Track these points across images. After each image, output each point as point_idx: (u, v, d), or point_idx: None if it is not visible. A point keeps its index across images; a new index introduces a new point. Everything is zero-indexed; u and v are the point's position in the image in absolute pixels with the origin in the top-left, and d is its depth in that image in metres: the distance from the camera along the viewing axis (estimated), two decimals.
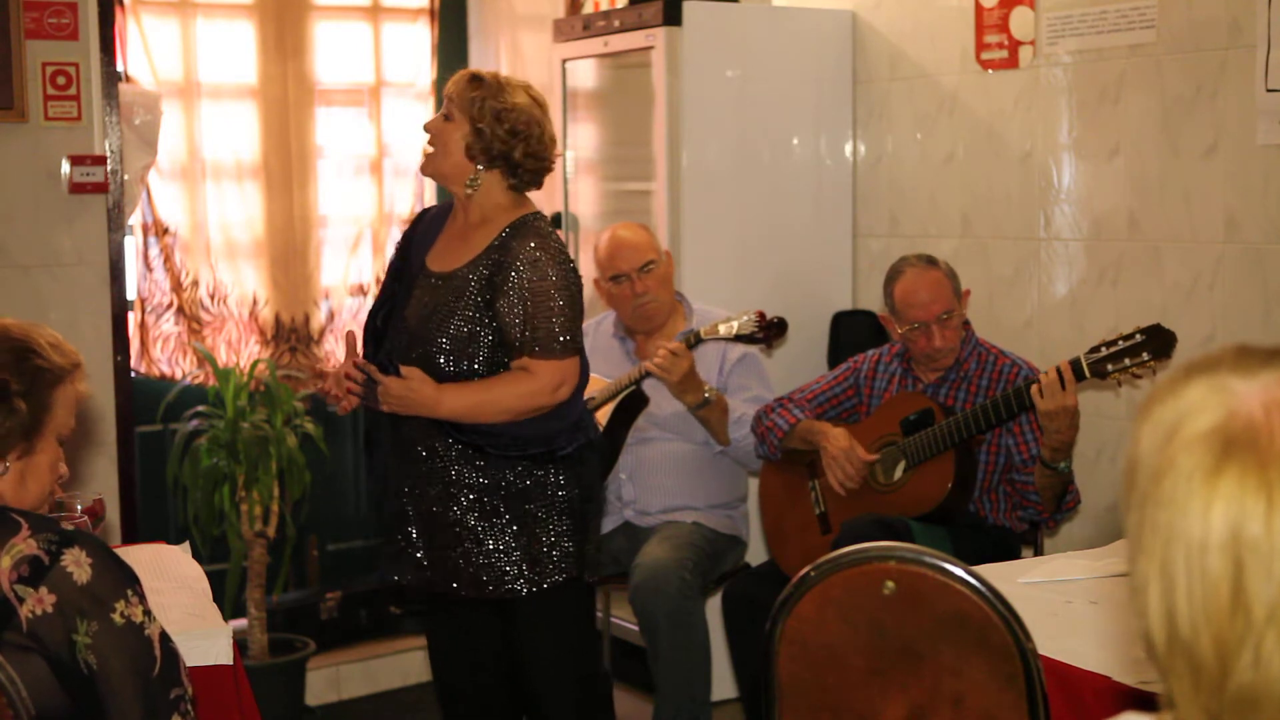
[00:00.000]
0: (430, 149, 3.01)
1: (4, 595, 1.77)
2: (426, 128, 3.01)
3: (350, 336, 3.06)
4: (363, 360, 2.97)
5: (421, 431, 2.94)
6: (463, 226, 3.02)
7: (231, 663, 2.40)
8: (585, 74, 4.74)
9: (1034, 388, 3.21)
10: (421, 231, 3.10)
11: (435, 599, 3.06)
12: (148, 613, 1.84)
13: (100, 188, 4.07)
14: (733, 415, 3.78)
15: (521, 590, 2.94)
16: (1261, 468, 0.97)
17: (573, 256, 3.13)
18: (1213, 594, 0.97)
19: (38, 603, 1.77)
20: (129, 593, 1.82)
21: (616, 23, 4.43)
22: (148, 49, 4.48)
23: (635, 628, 3.77)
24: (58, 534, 1.83)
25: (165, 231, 4.56)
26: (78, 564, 1.80)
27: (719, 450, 3.86)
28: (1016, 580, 2.58)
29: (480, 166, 2.95)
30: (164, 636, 1.85)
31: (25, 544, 1.80)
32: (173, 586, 2.63)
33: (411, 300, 2.98)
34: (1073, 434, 3.27)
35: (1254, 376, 1.01)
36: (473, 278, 2.91)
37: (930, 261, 3.58)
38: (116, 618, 1.79)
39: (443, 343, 2.89)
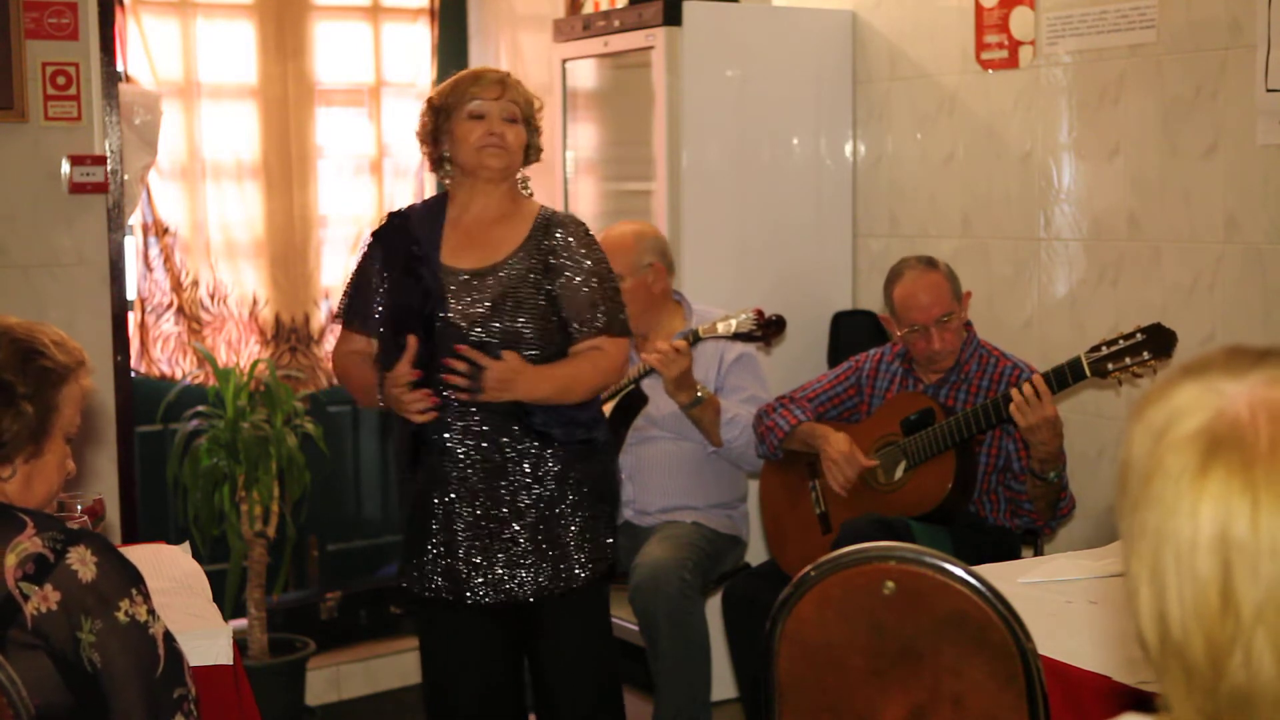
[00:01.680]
0: (502, 148, 2.94)
1: (9, 593, 1.77)
2: (497, 129, 2.95)
3: (413, 342, 2.88)
4: (464, 348, 2.85)
5: (496, 426, 2.91)
6: (475, 223, 3.00)
7: (231, 662, 2.40)
8: (585, 74, 4.74)
9: (1011, 407, 3.21)
10: (424, 231, 3.02)
11: (444, 601, 3.00)
12: (152, 612, 1.83)
13: (100, 188, 4.07)
14: (725, 415, 3.77)
15: (581, 577, 2.96)
16: (1247, 467, 0.97)
17: None
18: (1202, 595, 0.97)
19: (42, 600, 1.77)
20: (133, 592, 1.81)
21: (616, 23, 4.42)
22: (148, 49, 4.48)
23: (635, 628, 3.77)
24: (63, 533, 1.82)
25: (165, 231, 4.56)
26: (83, 562, 1.79)
27: (711, 451, 3.86)
28: (1016, 580, 2.58)
29: (524, 163, 3.02)
30: (168, 636, 1.85)
31: (30, 542, 1.79)
32: (173, 586, 2.63)
33: (450, 299, 2.91)
34: (1057, 443, 3.27)
35: (1243, 377, 1.01)
36: (518, 270, 2.92)
37: (930, 264, 3.58)
38: (121, 616, 1.79)
39: (496, 337, 2.88)
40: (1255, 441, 0.97)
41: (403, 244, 3.02)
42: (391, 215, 3.11)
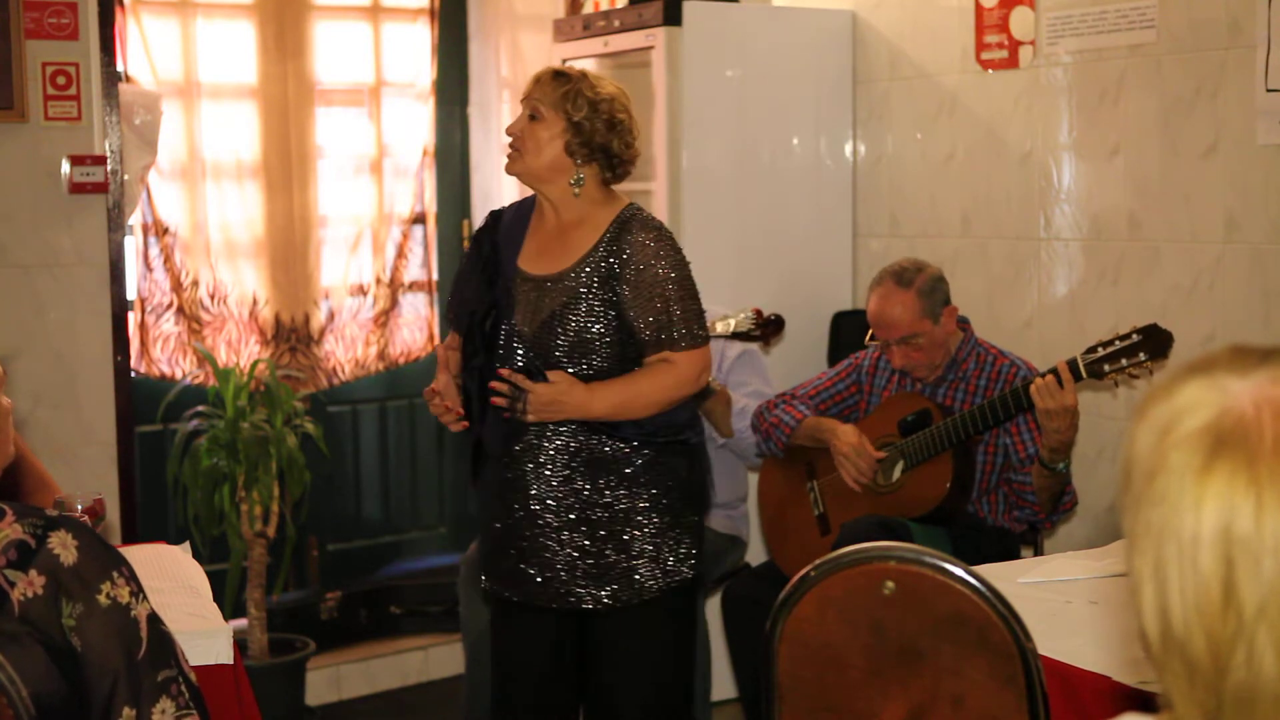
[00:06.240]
0: (516, 150, 2.88)
1: None
2: (510, 130, 2.90)
3: (445, 353, 2.91)
4: (507, 370, 2.82)
5: (571, 434, 2.84)
6: (555, 227, 2.92)
7: (231, 662, 2.40)
8: None
9: (1032, 388, 3.20)
10: (504, 233, 2.95)
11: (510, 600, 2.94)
12: (135, 594, 1.80)
13: (100, 188, 4.07)
14: (735, 406, 3.79)
15: (654, 589, 2.85)
16: (1251, 465, 0.97)
17: None
18: (1204, 592, 0.97)
19: (28, 586, 1.75)
20: (114, 574, 1.79)
21: (616, 23, 4.43)
22: (148, 49, 4.48)
23: None
24: (43, 519, 1.81)
25: (165, 231, 4.56)
26: (64, 546, 1.78)
27: (720, 443, 3.86)
28: (1016, 580, 2.58)
29: (579, 162, 2.87)
30: (153, 619, 1.82)
31: (11, 529, 1.78)
32: (173, 586, 2.63)
33: (518, 306, 2.86)
34: (1072, 434, 3.26)
35: (1248, 375, 1.01)
36: (585, 277, 2.83)
37: (906, 280, 3.53)
38: (102, 599, 1.77)
39: (562, 344, 2.81)
40: (1260, 439, 0.97)
41: (489, 245, 2.96)
42: (490, 214, 3.05)
